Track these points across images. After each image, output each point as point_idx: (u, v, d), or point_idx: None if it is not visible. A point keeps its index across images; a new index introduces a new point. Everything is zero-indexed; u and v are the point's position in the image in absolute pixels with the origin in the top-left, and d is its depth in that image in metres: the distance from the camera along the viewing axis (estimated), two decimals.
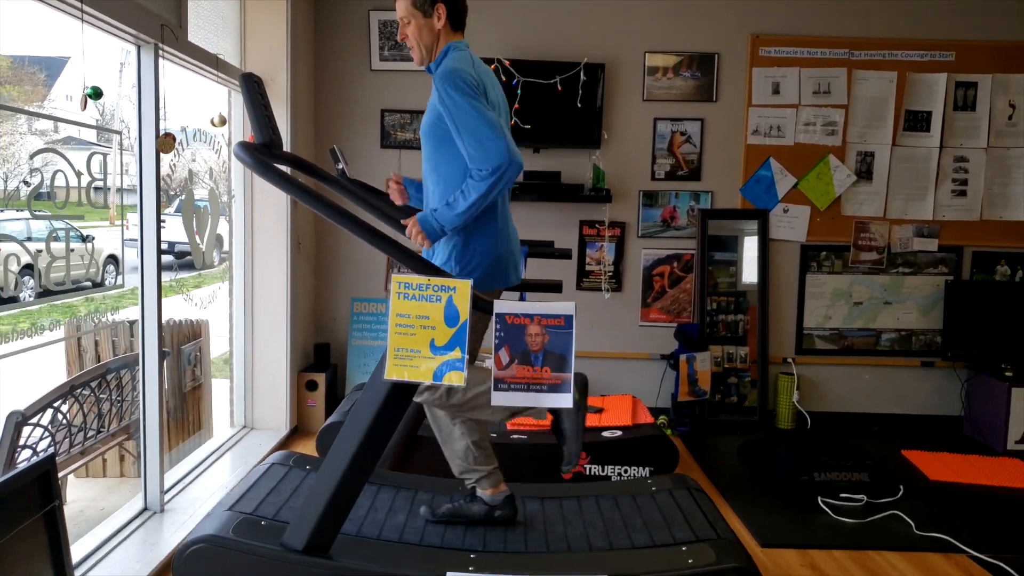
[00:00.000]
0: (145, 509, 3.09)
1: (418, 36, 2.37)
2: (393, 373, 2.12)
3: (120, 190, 2.89)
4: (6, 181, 2.55)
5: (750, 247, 4.73)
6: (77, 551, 2.61)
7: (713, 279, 4.74)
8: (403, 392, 2.23)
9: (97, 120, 3.00)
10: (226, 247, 4.13)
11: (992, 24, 4.58)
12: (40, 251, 2.44)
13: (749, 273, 4.74)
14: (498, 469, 2.64)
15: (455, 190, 2.24)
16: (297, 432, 4.37)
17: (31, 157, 2.50)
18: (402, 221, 2.41)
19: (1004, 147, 4.63)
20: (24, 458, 2.95)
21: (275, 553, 2.21)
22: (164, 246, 3.07)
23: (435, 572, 2.17)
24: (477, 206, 2.20)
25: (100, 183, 2.65)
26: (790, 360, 4.75)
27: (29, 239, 2.36)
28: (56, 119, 2.64)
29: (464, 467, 2.60)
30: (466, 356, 2.07)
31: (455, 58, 2.31)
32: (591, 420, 3.80)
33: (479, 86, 2.25)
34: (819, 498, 3.44)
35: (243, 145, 2.19)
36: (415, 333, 2.10)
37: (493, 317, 2.10)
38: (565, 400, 2.09)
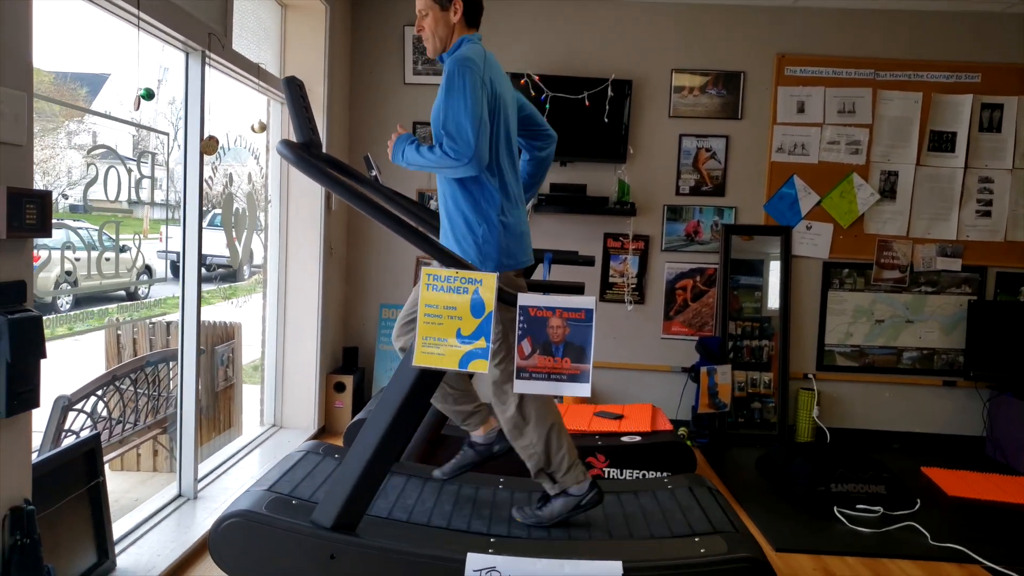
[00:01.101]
0: (179, 495, 3.22)
1: (434, 28, 2.52)
2: (421, 360, 2.23)
3: (153, 204, 3.01)
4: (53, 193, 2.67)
5: (776, 271, 4.78)
6: (114, 531, 2.74)
7: (738, 303, 4.79)
8: (430, 378, 2.34)
9: (133, 136, 3.16)
10: (257, 261, 4.27)
11: (1019, 47, 4.62)
12: (79, 259, 2.56)
13: (774, 298, 4.78)
14: (484, 407, 2.75)
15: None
16: (324, 432, 4.48)
17: (88, 152, 2.66)
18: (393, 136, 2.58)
19: None
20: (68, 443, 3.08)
21: (305, 529, 2.31)
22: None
23: (456, 553, 2.26)
24: (424, 166, 2.42)
25: (135, 197, 2.77)
26: (811, 376, 4.79)
27: (68, 248, 2.46)
28: (115, 119, 2.80)
29: (449, 409, 2.73)
30: (491, 345, 2.18)
31: (467, 48, 2.46)
32: (610, 426, 3.88)
33: (484, 80, 2.39)
34: (835, 508, 3.47)
35: (286, 143, 2.33)
36: (442, 323, 2.22)
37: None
38: (583, 390, 2.19)
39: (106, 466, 3.74)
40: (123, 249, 2.84)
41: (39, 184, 2.00)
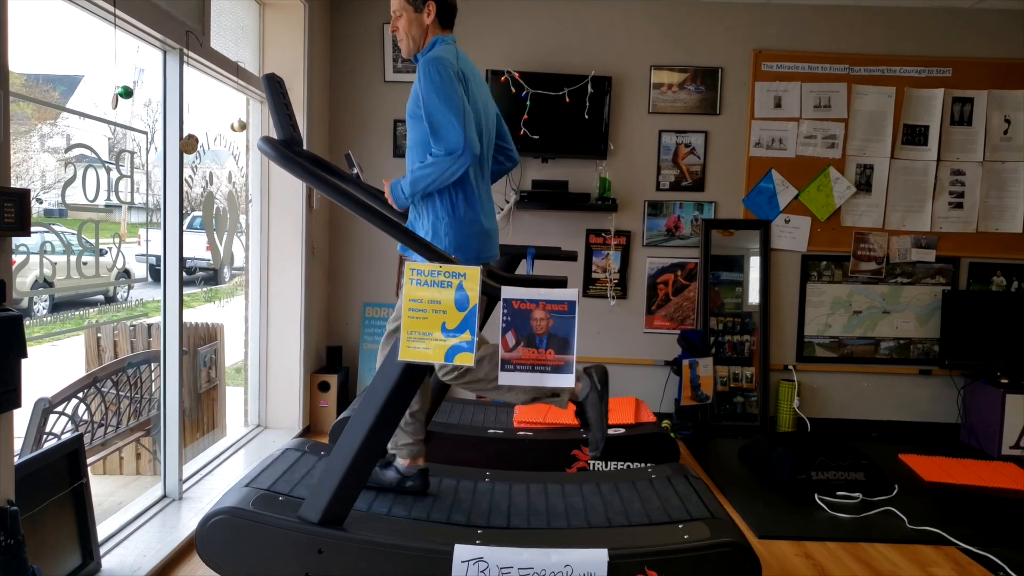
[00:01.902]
0: (164, 496, 3.21)
1: (408, 28, 2.57)
2: (407, 355, 2.24)
3: (132, 207, 2.99)
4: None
5: (756, 266, 4.84)
6: (99, 533, 2.72)
7: (719, 299, 4.85)
8: (415, 373, 2.35)
9: (109, 139, 3.14)
10: (238, 263, 4.25)
11: (988, 42, 4.73)
12: (56, 264, 2.54)
13: (755, 293, 4.85)
14: (423, 443, 2.77)
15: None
16: (309, 431, 4.48)
17: (65, 151, 2.64)
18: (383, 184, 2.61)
19: (1000, 161, 4.76)
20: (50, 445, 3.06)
21: (292, 524, 2.32)
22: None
23: (444, 544, 2.27)
24: (429, 181, 2.42)
25: (114, 200, 2.74)
26: (791, 367, 4.86)
27: (45, 252, 2.44)
28: (93, 117, 2.78)
29: (396, 434, 2.72)
30: (476, 338, 2.20)
31: (440, 49, 2.51)
32: None
33: (458, 76, 2.43)
34: (816, 495, 3.53)
35: (267, 139, 2.33)
36: (427, 317, 2.23)
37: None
38: (567, 380, 2.22)
39: (88, 469, 3.73)
40: (102, 252, 2.81)
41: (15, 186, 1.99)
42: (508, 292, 2.24)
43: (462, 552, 2.28)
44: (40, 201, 2.58)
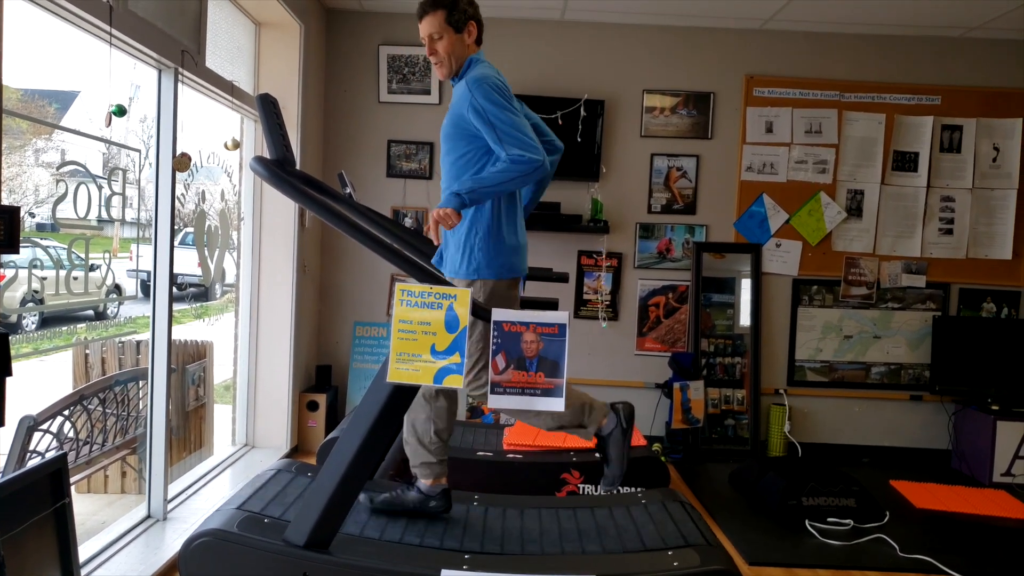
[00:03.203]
0: (148, 517, 3.17)
1: (450, 50, 2.54)
2: (395, 376, 2.23)
3: (123, 222, 2.98)
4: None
5: (747, 288, 4.85)
6: (81, 553, 2.67)
7: (710, 321, 4.85)
8: (404, 394, 2.34)
9: (103, 154, 3.14)
10: (229, 280, 4.24)
11: (977, 71, 4.78)
12: (45, 279, 2.52)
13: (746, 316, 4.85)
14: (446, 463, 2.73)
15: None
16: (297, 451, 4.44)
17: (57, 168, 2.63)
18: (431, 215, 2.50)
19: (989, 188, 4.80)
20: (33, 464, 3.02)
21: (277, 548, 2.29)
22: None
23: (430, 570, 2.25)
24: (500, 180, 2.32)
25: (106, 215, 2.74)
26: (782, 391, 4.85)
27: (35, 267, 2.42)
28: (87, 135, 2.78)
29: (418, 452, 2.67)
30: (465, 361, 2.19)
31: (485, 66, 2.51)
32: (584, 442, 3.88)
33: (510, 92, 2.45)
34: (807, 522, 3.51)
35: (259, 159, 2.33)
36: (417, 338, 2.22)
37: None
38: (557, 404, 2.20)
39: (72, 488, 3.68)
40: (92, 268, 2.80)
41: (6, 202, 1.98)
42: (498, 314, 2.23)
43: None
44: (32, 215, 2.58)
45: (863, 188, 4.81)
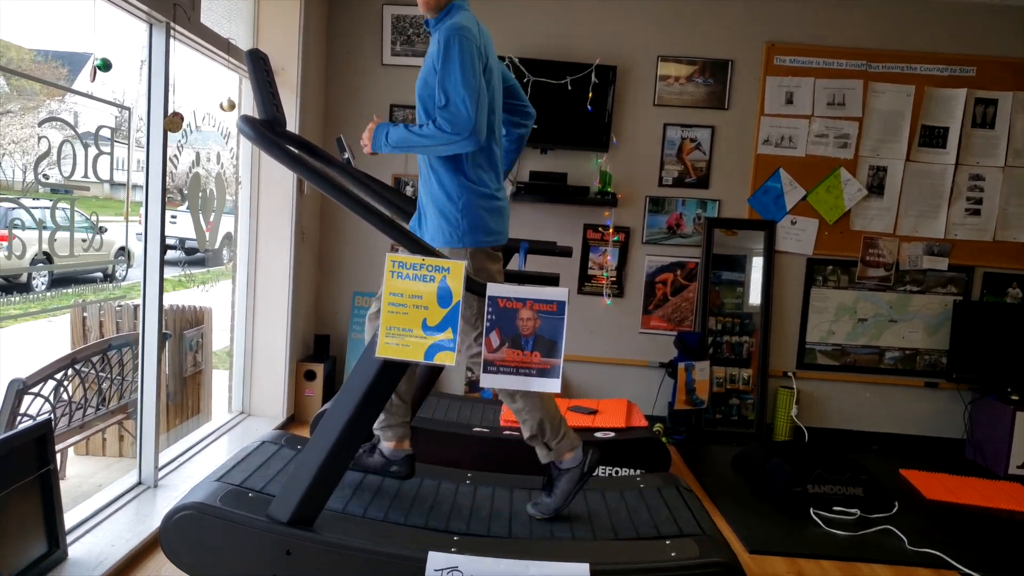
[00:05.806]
0: (139, 483, 3.12)
1: None
2: (385, 351, 2.13)
3: (134, 187, 2.96)
4: (24, 172, 2.62)
5: (758, 267, 4.69)
6: (69, 519, 2.64)
7: (719, 299, 4.71)
8: (393, 370, 2.24)
9: (116, 117, 3.05)
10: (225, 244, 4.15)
11: (1016, 41, 4.54)
12: (55, 240, 2.52)
13: (756, 295, 4.71)
14: (408, 425, 2.67)
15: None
16: (293, 420, 4.38)
17: (39, 125, 2.53)
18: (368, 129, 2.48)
19: (1022, 167, 4.59)
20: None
21: (260, 523, 2.21)
22: (174, 241, 3.10)
23: (418, 551, 2.16)
24: (418, 147, 2.32)
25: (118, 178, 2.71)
26: (791, 374, 4.72)
27: (44, 228, 2.44)
28: (77, 92, 2.69)
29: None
30: (458, 336, 2.08)
31: (463, 16, 2.35)
32: (584, 421, 3.79)
33: (480, 52, 2.30)
34: (812, 510, 3.40)
35: (247, 119, 2.21)
36: (408, 312, 2.12)
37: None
38: (553, 385, 2.10)
39: (70, 450, 3.65)
40: (101, 230, 2.78)
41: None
42: (494, 289, 2.12)
43: (436, 560, 2.17)
44: (47, 177, 2.53)
45: (886, 164, 4.62)
